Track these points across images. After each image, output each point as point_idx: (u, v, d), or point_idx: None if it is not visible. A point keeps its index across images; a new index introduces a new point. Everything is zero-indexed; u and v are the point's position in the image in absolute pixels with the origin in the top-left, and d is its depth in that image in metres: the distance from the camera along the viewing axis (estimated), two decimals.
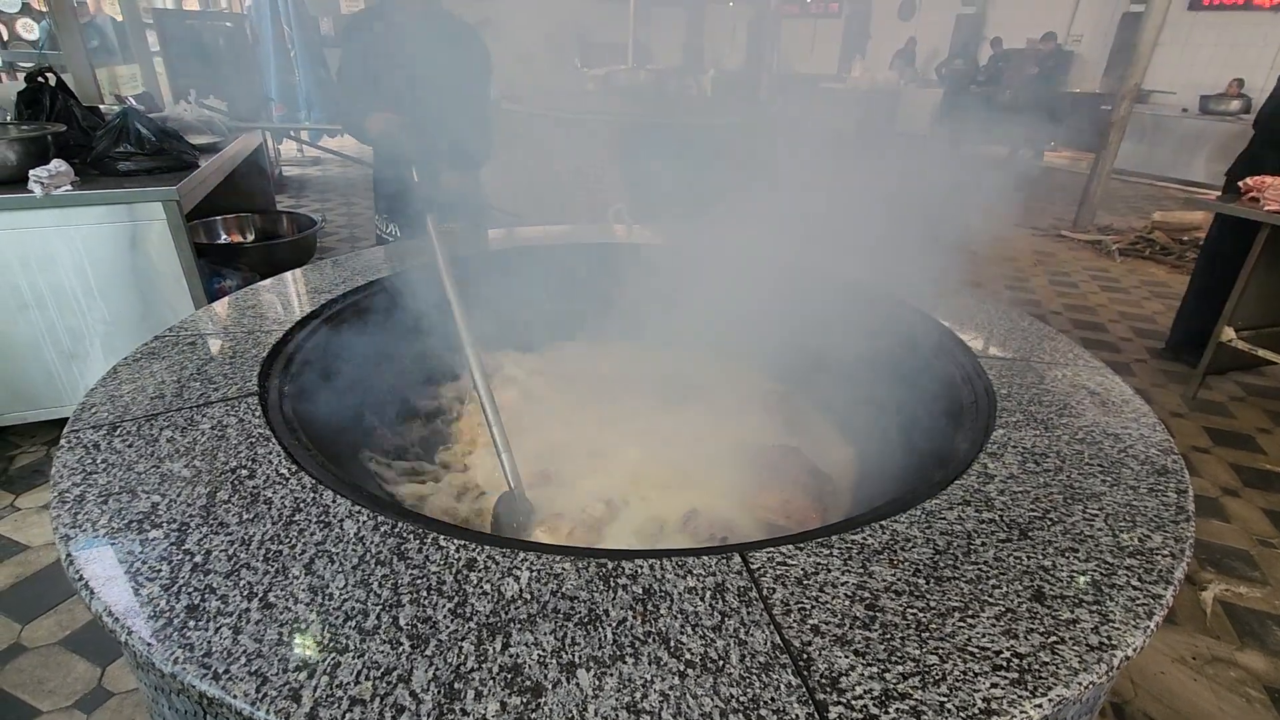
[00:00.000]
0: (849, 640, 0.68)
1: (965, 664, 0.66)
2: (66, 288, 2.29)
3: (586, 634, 0.69)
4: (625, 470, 1.39)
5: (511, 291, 1.92)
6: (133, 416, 1.04)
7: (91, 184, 2.32)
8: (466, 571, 0.76)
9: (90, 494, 0.87)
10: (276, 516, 0.84)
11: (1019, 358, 1.35)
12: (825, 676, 0.65)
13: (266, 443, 0.99)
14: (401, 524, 0.83)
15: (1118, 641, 0.69)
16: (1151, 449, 1.05)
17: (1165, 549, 0.83)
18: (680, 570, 0.77)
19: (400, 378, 1.61)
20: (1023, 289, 4.83)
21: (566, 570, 0.77)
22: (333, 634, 0.67)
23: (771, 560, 0.79)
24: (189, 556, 0.77)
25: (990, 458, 1.00)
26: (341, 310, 1.51)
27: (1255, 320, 3.17)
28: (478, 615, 0.70)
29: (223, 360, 1.23)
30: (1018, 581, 0.77)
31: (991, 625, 0.71)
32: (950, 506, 0.89)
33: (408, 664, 0.64)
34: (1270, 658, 1.84)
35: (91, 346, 2.39)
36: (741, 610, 0.72)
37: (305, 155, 8.34)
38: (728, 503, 1.29)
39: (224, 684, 0.62)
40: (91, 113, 2.76)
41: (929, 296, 1.65)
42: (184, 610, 0.70)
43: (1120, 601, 0.74)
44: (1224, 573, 2.14)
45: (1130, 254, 5.68)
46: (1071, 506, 0.90)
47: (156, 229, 2.33)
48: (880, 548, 0.81)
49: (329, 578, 0.74)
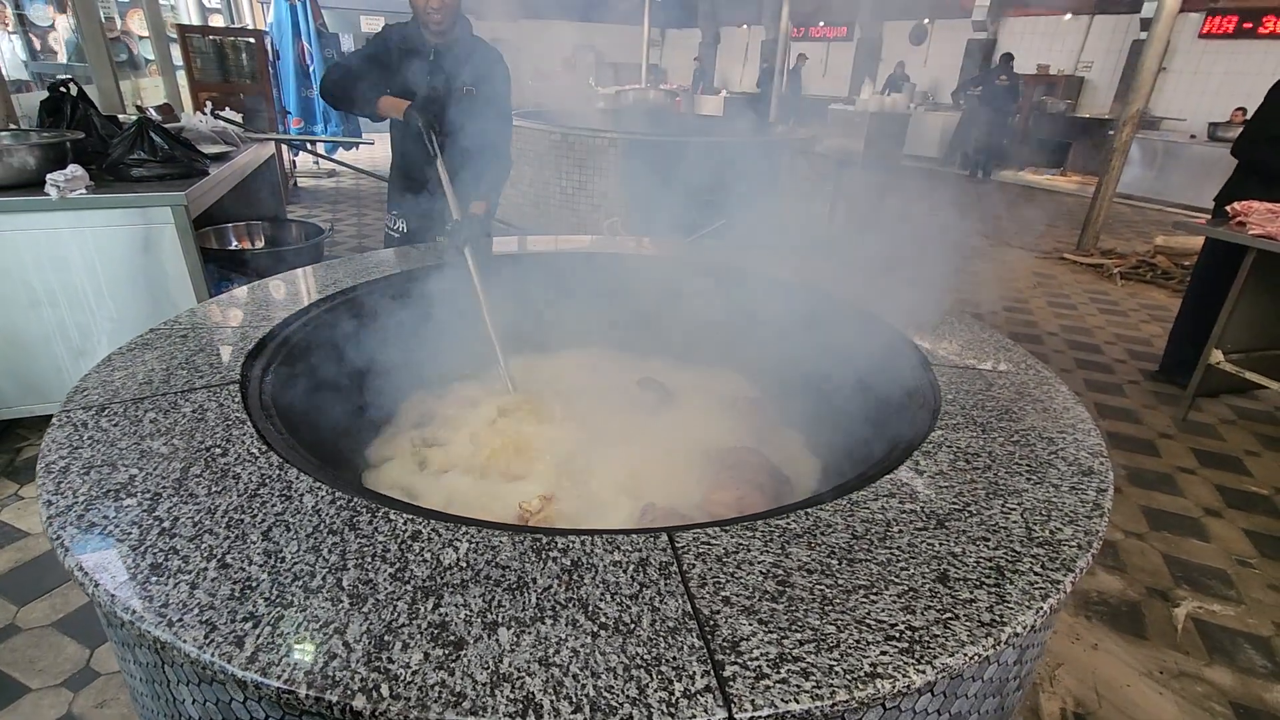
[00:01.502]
0: (755, 610, 0.74)
1: (860, 634, 0.71)
2: (77, 287, 2.39)
3: (513, 598, 0.74)
4: (591, 469, 1.45)
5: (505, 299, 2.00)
6: (121, 400, 1.12)
7: (105, 188, 2.43)
8: (410, 542, 0.82)
9: (74, 465, 0.94)
10: (243, 490, 0.90)
11: (970, 366, 1.40)
12: (727, 641, 0.70)
13: (241, 425, 1.06)
14: (357, 499, 0.89)
15: (1008, 619, 0.74)
16: (1082, 452, 1.09)
17: (1074, 540, 0.87)
18: (609, 546, 0.83)
19: (380, 371, 1.68)
20: (1021, 310, 4.85)
21: (503, 543, 0.82)
22: (280, 592, 0.74)
23: (696, 540, 0.84)
24: (158, 522, 0.84)
25: (924, 455, 1.05)
26: (327, 310, 1.59)
27: (1245, 343, 3.19)
28: (415, 579, 0.76)
29: (210, 351, 1.30)
30: (926, 565, 0.82)
31: (893, 602, 0.76)
32: (876, 498, 0.94)
33: (345, 619, 0.70)
34: (1238, 674, 1.85)
35: (99, 344, 2.49)
36: (659, 582, 0.77)
37: (321, 168, 8.54)
38: (685, 499, 1.35)
39: (175, 630, 0.68)
40: (110, 121, 2.89)
41: (898, 309, 1.71)
42: (148, 568, 0.76)
43: (1019, 585, 0.79)
44: (1199, 591, 2.15)
45: (1132, 277, 5.69)
46: (992, 501, 0.95)
47: (166, 232, 2.44)
48: (801, 532, 0.86)
49: (283, 544, 0.81)
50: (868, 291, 1.82)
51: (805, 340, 1.75)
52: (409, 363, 1.71)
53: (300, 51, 7.15)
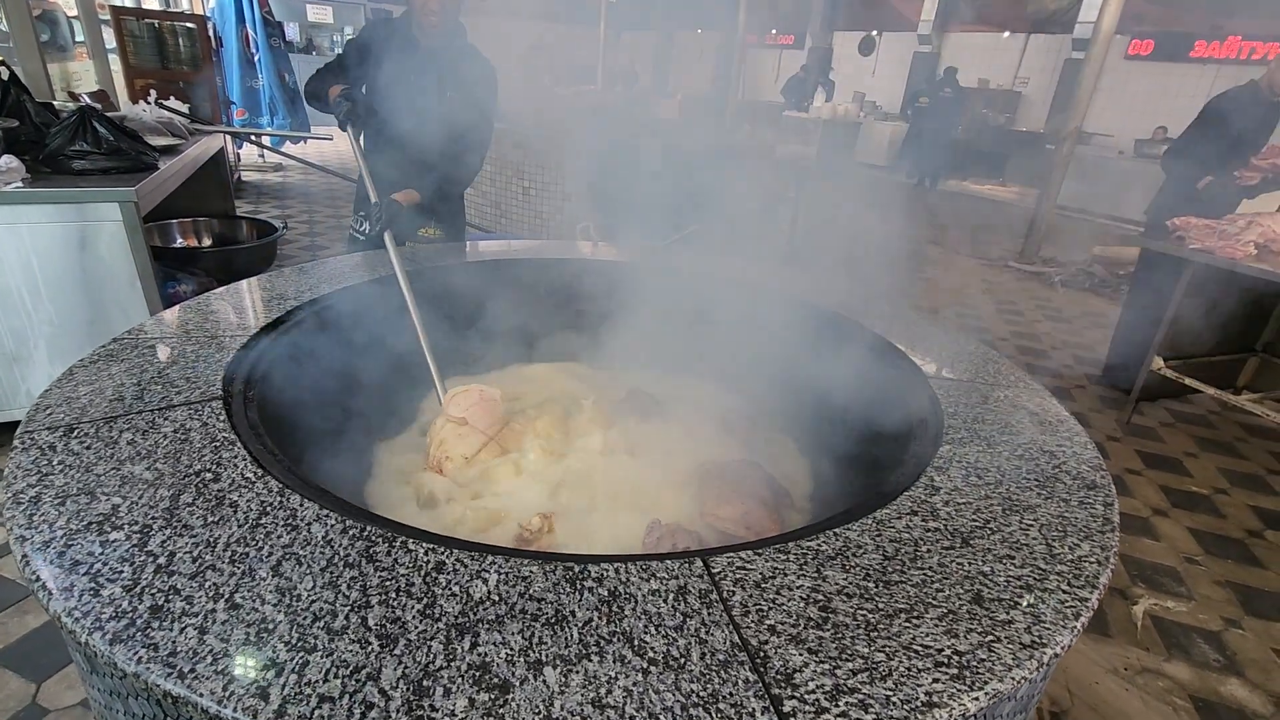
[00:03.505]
0: (803, 639, 0.72)
1: (910, 661, 0.70)
2: (12, 287, 2.21)
3: (553, 633, 0.71)
4: (587, 484, 1.41)
5: (477, 308, 1.94)
6: (90, 419, 1.03)
7: (43, 181, 2.25)
8: (435, 574, 0.77)
9: (46, 495, 0.85)
10: (243, 520, 0.84)
11: (966, 379, 1.43)
12: (780, 673, 0.68)
13: (231, 446, 0.98)
14: (370, 527, 0.84)
15: (1048, 640, 0.75)
16: (1083, 465, 1.12)
17: (1093, 557, 0.89)
18: (644, 574, 0.80)
19: (358, 383, 1.60)
20: (971, 315, 5.04)
21: (534, 573, 0.79)
22: (301, 634, 0.68)
23: (731, 565, 0.83)
24: (152, 558, 0.77)
25: (937, 471, 1.06)
26: (306, 317, 1.50)
27: (1183, 351, 3.38)
28: (446, 616, 0.72)
29: (185, 364, 1.21)
30: (959, 586, 0.82)
31: (935, 625, 0.75)
32: (899, 516, 0.94)
33: (376, 662, 0.66)
34: (1195, 668, 1.95)
35: (36, 349, 2.31)
36: (702, 611, 0.75)
37: (266, 161, 8.18)
38: (689, 515, 1.33)
39: (189, 683, 0.62)
40: (46, 109, 2.69)
41: (884, 320, 1.73)
42: (147, 611, 0.70)
43: (1051, 604, 0.80)
44: (1153, 588, 2.27)
45: (1071, 285, 5.98)
46: (1009, 517, 0.96)
47: (111, 230, 2.28)
48: (834, 554, 0.86)
49: (296, 580, 0.75)
50: (844, 298, 1.85)
51: (789, 348, 1.76)
52: (404, 368, 1.65)
53: (245, 39, 6.84)
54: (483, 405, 1.50)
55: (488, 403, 1.51)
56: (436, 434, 1.47)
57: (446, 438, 1.44)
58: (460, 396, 1.51)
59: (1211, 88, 10.13)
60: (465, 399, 1.50)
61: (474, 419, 1.47)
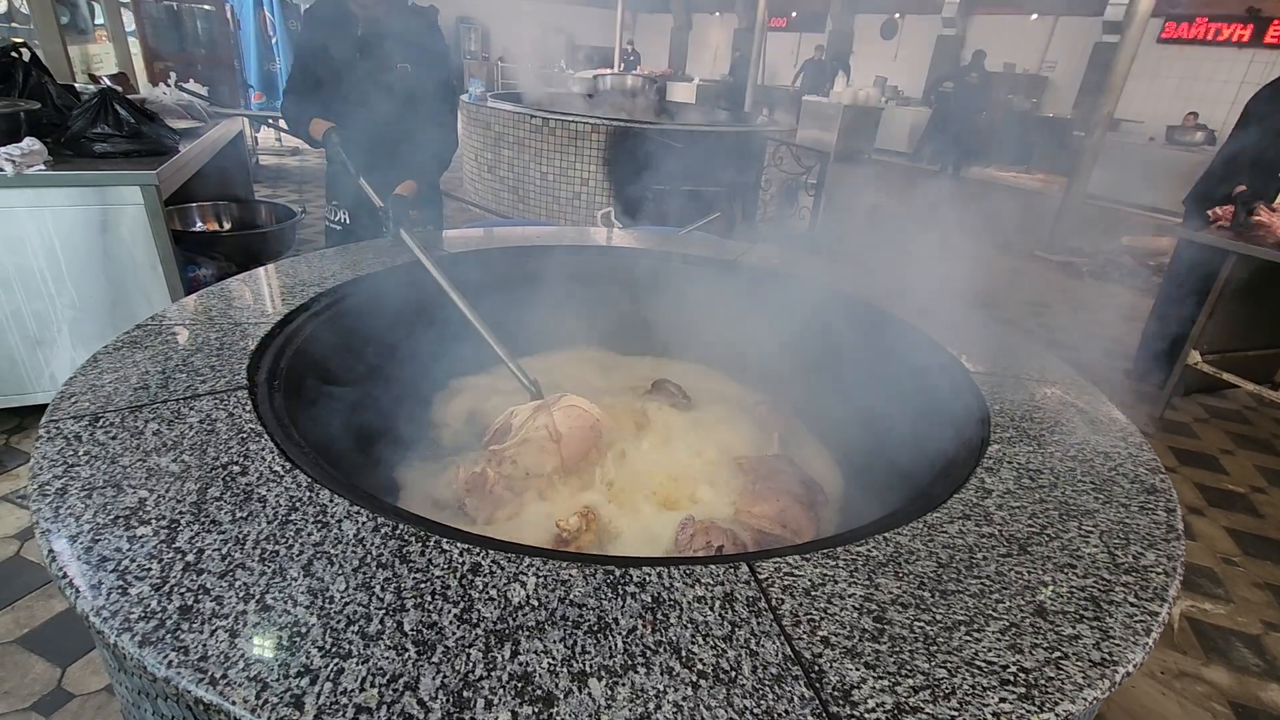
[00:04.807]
0: (859, 652, 0.68)
1: (974, 678, 0.66)
2: (35, 271, 2.20)
3: (597, 643, 0.67)
4: (618, 477, 1.38)
5: (500, 295, 1.90)
6: (115, 408, 1.00)
7: (65, 164, 2.24)
8: (471, 576, 0.74)
9: (73, 487, 0.83)
10: (271, 516, 0.81)
11: (1009, 374, 1.38)
12: (837, 690, 0.64)
13: (258, 439, 0.96)
14: (402, 526, 0.81)
15: (1119, 658, 0.70)
16: (1140, 468, 1.07)
17: (1159, 566, 0.85)
18: (689, 579, 0.76)
19: (393, 376, 1.58)
20: (997, 307, 4.93)
21: (574, 577, 0.75)
22: (335, 639, 0.65)
23: (779, 570, 0.79)
24: (180, 555, 0.74)
25: (987, 472, 1.02)
26: (332, 304, 1.48)
27: (1220, 344, 3.28)
28: (485, 621, 0.69)
29: (209, 352, 1.19)
30: (1020, 596, 0.78)
31: (997, 640, 0.71)
32: (951, 520, 0.90)
33: (414, 671, 0.63)
34: (1234, 674, 1.90)
35: (59, 333, 2.31)
36: (751, 621, 0.71)
37: (284, 145, 8.18)
38: (719, 510, 1.29)
39: (221, 689, 0.60)
40: (67, 91, 2.67)
41: (914, 310, 1.68)
42: (177, 611, 0.67)
43: (1119, 618, 0.76)
44: (1191, 590, 2.21)
45: (1099, 276, 5.84)
46: (1067, 523, 0.92)
47: (132, 214, 2.26)
48: (885, 560, 0.82)
49: (329, 580, 0.72)
50: (873, 289, 1.79)
51: (818, 338, 1.71)
52: (439, 358, 1.61)
53: (263, 21, 6.81)
54: (586, 434, 1.34)
55: (593, 433, 1.35)
56: (519, 427, 1.32)
57: (529, 440, 1.28)
58: (573, 411, 1.33)
59: (1246, 74, 9.84)
60: (577, 418, 1.33)
61: (569, 442, 1.31)
